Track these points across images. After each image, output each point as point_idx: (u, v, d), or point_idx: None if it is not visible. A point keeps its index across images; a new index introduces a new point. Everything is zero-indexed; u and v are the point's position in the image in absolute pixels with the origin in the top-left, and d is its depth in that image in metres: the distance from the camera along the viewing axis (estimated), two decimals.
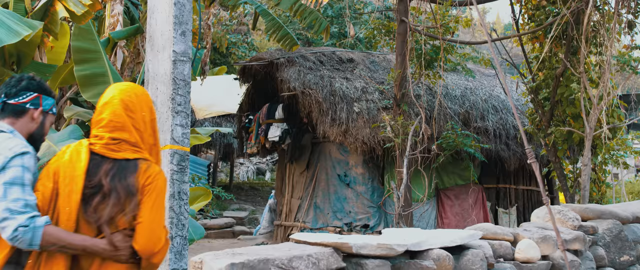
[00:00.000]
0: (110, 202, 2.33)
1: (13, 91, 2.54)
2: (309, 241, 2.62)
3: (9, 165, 2.32)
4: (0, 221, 2.24)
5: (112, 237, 2.32)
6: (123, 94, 2.47)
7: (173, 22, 3.22)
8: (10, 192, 2.27)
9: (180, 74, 3.25)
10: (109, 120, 2.42)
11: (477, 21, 23.66)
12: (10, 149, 2.36)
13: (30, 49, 5.27)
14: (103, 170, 2.38)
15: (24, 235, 2.22)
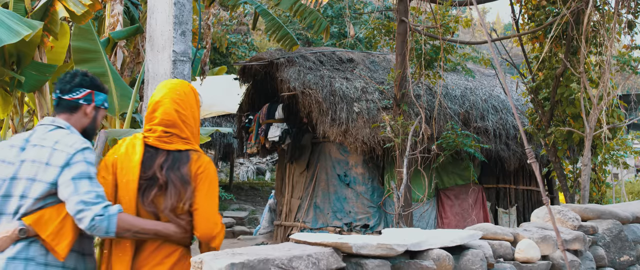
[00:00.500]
0: (170, 193, 2.52)
1: (67, 87, 2.66)
2: (309, 241, 2.62)
3: (73, 161, 2.45)
4: (76, 213, 2.38)
5: (179, 221, 2.52)
6: (173, 93, 2.67)
7: (173, 22, 3.22)
8: (80, 186, 2.41)
9: (180, 74, 3.25)
10: (161, 119, 2.63)
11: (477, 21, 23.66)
12: (71, 145, 2.49)
13: (30, 48, 5.28)
14: (157, 163, 2.57)
15: (100, 223, 2.36)
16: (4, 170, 2.52)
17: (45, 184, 2.46)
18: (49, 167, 2.47)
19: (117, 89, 5.28)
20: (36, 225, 2.43)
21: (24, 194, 2.47)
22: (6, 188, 2.49)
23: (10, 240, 2.43)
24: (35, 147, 2.53)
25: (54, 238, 2.44)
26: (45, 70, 5.37)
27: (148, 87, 3.40)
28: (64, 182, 2.44)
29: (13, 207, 2.47)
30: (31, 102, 5.87)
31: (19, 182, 2.49)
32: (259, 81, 10.74)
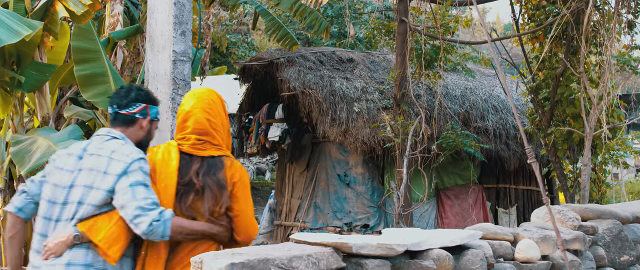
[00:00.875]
0: (207, 197, 2.69)
1: (124, 102, 2.80)
2: (308, 241, 2.62)
3: (130, 169, 2.58)
4: (134, 218, 2.50)
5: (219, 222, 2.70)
6: (203, 103, 2.82)
7: (173, 22, 3.22)
8: (137, 192, 2.54)
9: (180, 74, 3.25)
10: (193, 128, 2.78)
11: (477, 21, 23.66)
12: (128, 155, 2.63)
13: (30, 48, 5.28)
14: (193, 169, 2.73)
15: (157, 228, 2.49)
16: (62, 178, 2.64)
17: (103, 191, 2.58)
18: (107, 175, 2.59)
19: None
20: (89, 232, 2.55)
21: (81, 201, 2.58)
22: (65, 196, 2.61)
23: (66, 245, 2.54)
24: (92, 156, 2.66)
25: (106, 242, 2.54)
26: (45, 70, 5.36)
27: (148, 87, 3.39)
28: (121, 189, 2.55)
29: (69, 214, 2.59)
30: (31, 102, 5.87)
31: (77, 190, 2.60)
32: (259, 81, 10.74)
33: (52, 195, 2.63)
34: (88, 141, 2.76)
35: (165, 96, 3.24)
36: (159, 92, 3.29)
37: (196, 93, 2.88)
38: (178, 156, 2.74)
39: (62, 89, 6.57)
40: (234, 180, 2.76)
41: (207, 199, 2.69)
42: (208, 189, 2.69)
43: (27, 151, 4.58)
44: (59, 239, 2.54)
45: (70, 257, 2.54)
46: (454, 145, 8.42)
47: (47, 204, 2.64)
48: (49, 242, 2.57)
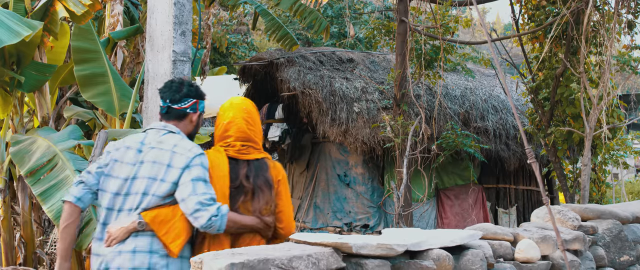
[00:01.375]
0: (258, 197, 2.91)
1: (177, 97, 2.92)
2: (308, 241, 2.62)
3: (192, 164, 2.73)
4: (194, 212, 2.63)
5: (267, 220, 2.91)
6: (242, 113, 3.04)
7: (173, 22, 3.22)
8: (197, 187, 2.67)
9: (180, 74, 3.25)
10: (236, 136, 3.00)
11: (477, 21, 23.66)
12: (190, 150, 2.78)
13: (30, 49, 5.28)
14: (242, 173, 2.93)
15: (215, 223, 2.64)
16: (123, 170, 2.77)
17: (169, 183, 2.72)
18: (171, 168, 2.73)
19: (117, 89, 5.28)
20: (153, 223, 2.68)
21: (145, 192, 2.72)
22: (127, 187, 2.75)
23: (129, 232, 2.67)
24: (153, 150, 2.79)
25: (169, 237, 2.69)
26: (45, 70, 5.36)
27: (148, 87, 3.39)
28: (183, 183, 2.69)
29: (132, 204, 2.73)
30: (31, 102, 5.87)
31: (140, 181, 2.74)
32: (259, 81, 10.74)
33: (114, 186, 2.75)
34: (143, 134, 2.88)
35: None
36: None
37: (233, 103, 3.09)
38: (227, 160, 2.95)
39: (62, 89, 6.57)
40: (278, 179, 3.03)
41: (258, 199, 2.92)
42: (258, 190, 2.92)
43: (27, 151, 4.58)
44: (122, 225, 2.68)
45: (136, 245, 2.67)
46: (453, 145, 8.42)
47: (109, 195, 2.76)
48: (111, 229, 2.70)
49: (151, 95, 3.31)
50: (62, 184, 4.18)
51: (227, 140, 3.00)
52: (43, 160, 4.38)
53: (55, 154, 4.43)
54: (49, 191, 4.16)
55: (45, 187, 4.19)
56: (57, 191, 4.15)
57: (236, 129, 2.99)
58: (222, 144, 3.01)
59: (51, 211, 4.04)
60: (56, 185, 4.19)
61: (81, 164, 4.34)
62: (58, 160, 4.36)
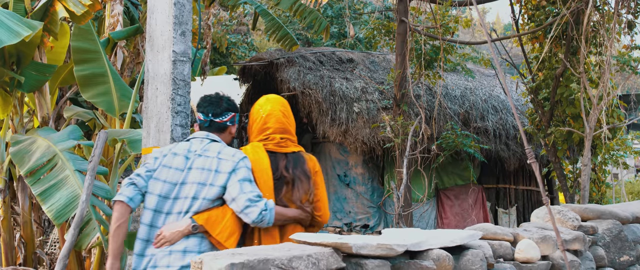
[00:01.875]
0: (297, 187, 3.12)
1: (218, 111, 3.16)
2: (308, 241, 2.62)
3: (237, 167, 2.95)
4: (245, 208, 2.85)
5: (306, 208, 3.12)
6: (279, 106, 3.27)
7: (173, 22, 3.22)
8: (244, 187, 2.90)
9: (180, 74, 3.24)
10: (275, 128, 3.19)
11: (476, 21, 23.66)
12: (233, 155, 3.01)
13: (30, 49, 5.27)
14: (282, 165, 3.14)
15: (265, 217, 2.86)
16: (172, 176, 2.95)
17: (218, 187, 2.91)
18: (219, 173, 2.93)
19: (117, 89, 5.28)
20: (206, 224, 2.86)
21: (195, 196, 2.90)
22: (177, 191, 2.92)
23: (182, 234, 2.84)
24: (200, 157, 3.00)
25: (223, 235, 2.88)
26: (45, 71, 5.36)
27: (148, 87, 3.39)
28: (231, 185, 2.90)
29: (182, 207, 2.90)
30: (31, 102, 5.87)
31: (189, 186, 2.92)
32: (259, 81, 10.74)
33: (162, 190, 2.92)
34: (188, 143, 3.08)
35: (165, 96, 3.24)
36: (159, 92, 3.29)
37: (270, 98, 3.31)
38: (266, 154, 3.13)
39: (62, 89, 6.56)
40: (315, 170, 3.23)
41: (298, 189, 3.12)
42: (298, 180, 3.13)
43: (27, 151, 4.58)
44: (175, 228, 2.83)
45: (186, 245, 2.83)
46: (453, 145, 8.42)
47: (157, 198, 2.91)
48: (163, 231, 2.84)
49: (151, 95, 3.31)
50: (62, 184, 4.18)
51: (266, 133, 3.20)
52: (43, 160, 4.38)
53: (55, 154, 4.42)
54: (49, 191, 4.15)
55: (45, 187, 4.19)
56: (56, 191, 4.14)
57: (275, 121, 3.21)
58: (261, 137, 3.20)
59: (51, 211, 4.04)
60: (56, 185, 4.19)
61: (81, 164, 4.34)
62: (58, 160, 4.36)
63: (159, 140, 3.31)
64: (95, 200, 4.21)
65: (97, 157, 3.68)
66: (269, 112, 3.23)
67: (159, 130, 3.26)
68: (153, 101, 3.34)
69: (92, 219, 4.07)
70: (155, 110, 3.30)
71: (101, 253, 4.81)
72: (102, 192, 4.32)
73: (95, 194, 4.17)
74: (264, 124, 3.21)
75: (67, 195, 4.07)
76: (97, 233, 4.04)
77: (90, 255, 5.26)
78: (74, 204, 4.00)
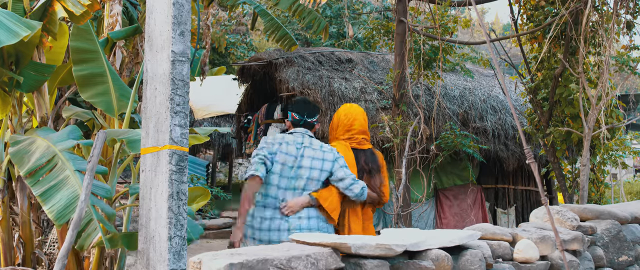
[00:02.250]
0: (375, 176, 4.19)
1: (311, 113, 4.12)
2: (307, 241, 2.62)
3: (338, 157, 3.97)
4: (350, 185, 3.90)
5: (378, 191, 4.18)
6: (360, 113, 4.30)
7: (172, 23, 3.22)
8: (346, 171, 3.93)
9: (178, 74, 3.24)
10: (358, 129, 4.25)
11: (475, 21, 23.67)
12: (331, 149, 4.02)
13: (29, 49, 5.27)
14: (362, 160, 4.19)
15: (364, 191, 3.94)
16: (288, 159, 3.88)
17: (326, 171, 3.92)
18: (326, 161, 3.93)
19: (116, 89, 5.27)
20: (320, 198, 3.85)
21: (310, 177, 3.87)
22: (294, 172, 3.86)
23: (303, 206, 3.82)
24: (307, 148, 3.95)
25: (331, 207, 3.86)
26: (44, 71, 5.35)
27: (147, 87, 3.39)
28: (337, 169, 3.92)
29: (298, 185, 3.86)
30: (30, 102, 5.87)
31: (304, 170, 3.87)
32: (258, 81, 10.74)
33: (282, 170, 3.85)
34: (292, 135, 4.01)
35: (163, 96, 3.23)
36: (158, 92, 3.28)
37: (353, 106, 4.36)
38: (351, 151, 4.15)
39: (60, 89, 6.56)
40: (382, 164, 4.27)
41: (374, 178, 4.17)
42: (374, 171, 4.18)
43: (26, 151, 4.57)
44: (299, 201, 3.82)
45: (309, 213, 3.83)
46: (452, 145, 8.42)
47: (277, 176, 3.84)
48: (289, 203, 3.82)
49: (150, 95, 3.31)
50: (62, 185, 4.17)
51: (350, 133, 4.22)
52: (42, 161, 4.38)
53: (54, 154, 4.42)
54: (49, 191, 4.14)
55: (45, 188, 4.18)
56: (57, 192, 4.13)
57: (358, 124, 4.24)
58: (347, 136, 4.23)
59: (52, 212, 4.03)
60: (56, 186, 4.18)
61: (81, 164, 4.33)
62: (57, 161, 4.35)
63: (158, 141, 3.30)
64: (95, 199, 4.20)
65: (96, 157, 3.68)
66: (355, 118, 4.25)
67: (158, 130, 3.26)
68: (152, 101, 3.33)
69: (93, 219, 4.06)
70: (154, 110, 3.29)
71: (100, 253, 4.81)
72: (101, 191, 4.31)
73: (94, 193, 4.16)
74: (350, 125, 4.24)
75: (68, 196, 4.06)
76: (98, 233, 4.04)
77: (90, 255, 5.26)
78: (74, 205, 3.99)
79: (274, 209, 3.80)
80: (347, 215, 4.06)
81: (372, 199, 4.14)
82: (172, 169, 3.04)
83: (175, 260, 2.88)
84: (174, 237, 2.87)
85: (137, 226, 2.87)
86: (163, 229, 2.88)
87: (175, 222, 2.92)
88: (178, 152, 3.09)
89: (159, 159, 3.08)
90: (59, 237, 5.16)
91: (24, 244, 5.50)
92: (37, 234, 5.66)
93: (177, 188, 3.02)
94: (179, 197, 3.00)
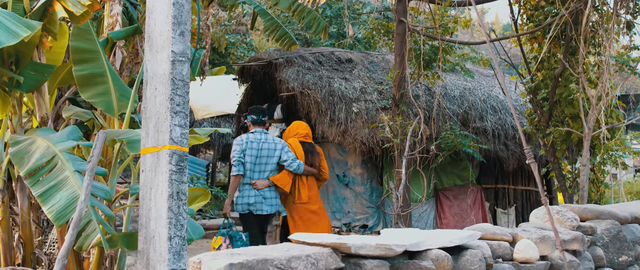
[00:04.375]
0: (314, 158, 6.56)
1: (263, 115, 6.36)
2: (307, 241, 2.62)
3: (284, 146, 6.28)
4: (291, 163, 6.19)
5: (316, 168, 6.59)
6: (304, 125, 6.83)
7: (172, 23, 3.22)
8: (289, 155, 6.24)
9: (178, 74, 3.24)
10: (305, 134, 6.70)
11: (475, 21, 23.68)
12: (280, 141, 6.30)
13: (29, 49, 5.27)
14: (306, 147, 6.57)
15: (301, 167, 6.27)
16: (253, 153, 6.11)
17: (277, 156, 6.21)
18: (276, 150, 6.22)
19: (116, 89, 5.27)
20: (274, 180, 6.15)
21: (267, 163, 6.16)
22: (259, 160, 6.12)
23: (265, 186, 6.10)
24: (263, 142, 6.17)
25: (282, 184, 6.18)
26: (44, 71, 5.35)
27: (147, 87, 3.39)
28: (283, 154, 6.21)
29: (262, 170, 6.14)
30: (30, 102, 5.86)
31: (265, 158, 6.15)
32: (258, 81, 10.74)
33: (250, 160, 6.10)
34: (254, 135, 6.18)
35: (163, 96, 3.23)
36: (158, 92, 3.29)
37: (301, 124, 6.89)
38: (299, 143, 6.55)
39: (60, 89, 6.55)
40: (320, 151, 6.71)
41: (314, 158, 6.57)
42: (313, 153, 6.60)
43: (26, 152, 4.57)
44: (263, 182, 6.10)
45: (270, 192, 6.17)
46: (452, 145, 8.42)
47: (249, 165, 6.10)
48: (257, 182, 6.08)
49: (150, 95, 3.31)
50: (62, 185, 4.17)
51: (298, 134, 6.67)
52: (42, 161, 4.37)
53: (54, 154, 4.41)
54: (49, 192, 4.14)
55: (45, 188, 4.17)
56: (57, 192, 4.13)
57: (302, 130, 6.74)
58: (297, 136, 6.64)
59: (51, 212, 4.03)
60: (56, 186, 4.17)
61: (81, 165, 4.33)
62: (57, 161, 4.35)
63: (158, 141, 3.30)
64: (95, 200, 4.20)
65: (95, 157, 3.68)
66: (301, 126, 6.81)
67: (158, 130, 3.26)
68: (152, 101, 3.33)
69: (92, 220, 4.06)
70: (154, 111, 3.29)
71: (100, 253, 4.81)
72: (101, 192, 4.31)
73: (94, 194, 4.16)
74: (298, 130, 6.72)
75: (68, 196, 4.05)
76: (98, 233, 4.04)
77: (90, 255, 5.26)
78: (74, 205, 3.98)
79: (249, 185, 6.12)
80: (296, 184, 6.42)
81: (310, 172, 6.49)
82: (172, 169, 3.04)
83: (175, 260, 2.88)
84: (174, 237, 2.87)
85: (137, 226, 2.87)
86: (163, 229, 2.88)
87: (175, 222, 2.92)
88: (178, 152, 3.10)
89: (159, 159, 3.08)
90: (59, 237, 5.16)
91: (24, 244, 5.50)
92: (37, 234, 5.65)
93: (177, 188, 3.02)
94: (179, 197, 3.00)
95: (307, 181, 6.43)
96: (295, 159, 6.22)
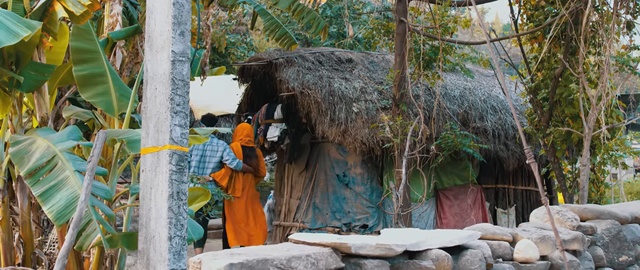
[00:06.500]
0: (252, 160, 8.71)
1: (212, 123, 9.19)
2: (307, 241, 2.62)
3: (225, 148, 8.44)
4: (231, 162, 8.32)
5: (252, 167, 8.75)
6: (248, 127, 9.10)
7: (172, 23, 3.22)
8: (230, 155, 8.39)
9: (178, 74, 3.24)
10: (248, 140, 8.81)
11: (476, 21, 23.68)
12: (223, 144, 8.44)
13: (29, 49, 5.27)
14: (246, 151, 8.67)
15: (239, 165, 8.40)
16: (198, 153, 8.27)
17: (218, 158, 8.36)
18: (218, 152, 8.36)
19: (116, 89, 5.27)
20: (214, 176, 8.28)
21: (209, 161, 8.32)
22: (202, 161, 8.27)
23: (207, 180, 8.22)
24: (208, 145, 8.28)
25: (223, 181, 8.30)
26: (44, 71, 5.35)
27: (147, 87, 3.39)
28: (224, 155, 8.32)
29: (205, 168, 8.28)
30: (30, 102, 5.87)
31: (207, 158, 8.28)
32: (258, 81, 10.73)
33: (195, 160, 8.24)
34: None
35: (163, 96, 3.23)
36: (158, 92, 3.29)
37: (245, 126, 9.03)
38: (241, 147, 8.48)
39: (61, 89, 6.56)
40: (259, 154, 8.84)
41: (253, 160, 8.61)
42: (253, 157, 8.61)
43: (27, 152, 4.57)
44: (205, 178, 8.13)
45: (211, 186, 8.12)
46: (452, 145, 8.43)
47: (194, 163, 8.23)
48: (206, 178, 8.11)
49: (150, 95, 3.31)
50: (62, 185, 4.17)
51: (243, 138, 8.55)
52: (42, 161, 4.37)
53: (54, 154, 4.42)
54: (49, 192, 4.14)
55: (45, 188, 4.17)
56: (57, 192, 4.13)
57: (245, 134, 8.59)
58: (240, 141, 8.45)
59: (51, 212, 4.03)
60: (56, 186, 4.17)
61: (81, 165, 4.33)
62: (57, 161, 4.35)
63: (158, 140, 3.31)
64: (95, 200, 4.20)
65: (96, 157, 3.68)
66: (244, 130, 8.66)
67: (158, 130, 3.26)
68: (152, 101, 3.34)
69: (93, 220, 4.06)
70: (154, 110, 3.30)
71: (100, 253, 4.81)
72: (101, 192, 4.31)
73: (94, 194, 4.16)
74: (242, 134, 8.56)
75: (68, 196, 4.05)
76: (98, 233, 4.04)
77: (90, 255, 5.26)
78: (74, 205, 3.98)
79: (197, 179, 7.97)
80: (233, 178, 8.35)
81: (247, 170, 8.45)
82: (172, 169, 3.04)
83: (175, 260, 2.88)
84: (174, 237, 2.88)
85: (137, 226, 2.87)
86: (163, 229, 2.88)
87: (175, 222, 2.92)
88: (178, 152, 3.10)
89: (159, 159, 3.08)
90: (59, 237, 5.16)
91: (24, 244, 5.50)
92: (37, 234, 5.66)
93: (177, 188, 3.02)
94: (179, 197, 3.00)
95: (242, 177, 8.52)
96: (235, 158, 8.30)
